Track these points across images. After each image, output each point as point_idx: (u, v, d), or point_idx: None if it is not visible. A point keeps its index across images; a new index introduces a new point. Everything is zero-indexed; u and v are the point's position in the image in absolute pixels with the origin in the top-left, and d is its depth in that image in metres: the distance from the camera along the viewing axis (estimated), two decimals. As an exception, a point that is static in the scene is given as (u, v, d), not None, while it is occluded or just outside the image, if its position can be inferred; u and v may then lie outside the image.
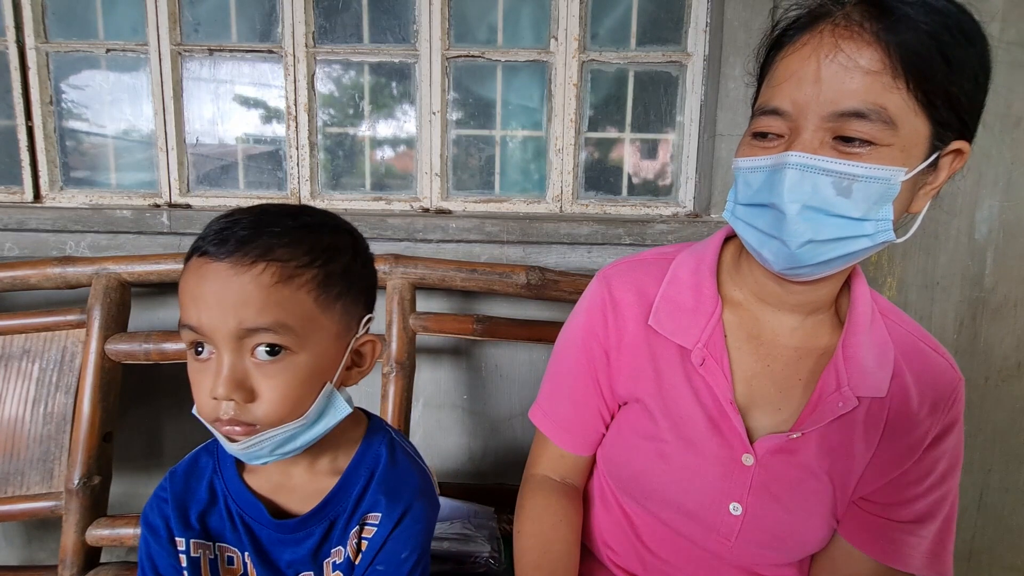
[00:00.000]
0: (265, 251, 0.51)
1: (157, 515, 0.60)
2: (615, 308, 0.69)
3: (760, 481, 0.63)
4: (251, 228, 0.52)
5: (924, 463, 0.63)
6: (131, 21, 1.32)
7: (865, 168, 0.50)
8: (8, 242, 1.28)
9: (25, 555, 1.45)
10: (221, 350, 0.51)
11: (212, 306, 0.50)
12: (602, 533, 0.75)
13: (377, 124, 1.38)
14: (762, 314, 0.66)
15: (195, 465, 0.63)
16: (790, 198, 0.52)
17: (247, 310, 0.50)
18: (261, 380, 0.52)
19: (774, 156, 0.54)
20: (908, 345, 0.64)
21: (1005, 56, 1.17)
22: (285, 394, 0.52)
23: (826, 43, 0.50)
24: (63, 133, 1.38)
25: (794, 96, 0.52)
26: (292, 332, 0.52)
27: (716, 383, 0.63)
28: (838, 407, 0.60)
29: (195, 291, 0.51)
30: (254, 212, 0.55)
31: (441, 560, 0.82)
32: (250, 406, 0.51)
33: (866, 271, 1.27)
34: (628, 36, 1.33)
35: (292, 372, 0.52)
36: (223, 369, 0.51)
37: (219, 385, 0.50)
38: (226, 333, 0.50)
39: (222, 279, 0.50)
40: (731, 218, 0.61)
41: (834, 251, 0.54)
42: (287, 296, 0.51)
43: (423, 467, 0.66)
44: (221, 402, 0.51)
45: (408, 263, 1.11)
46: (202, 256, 0.52)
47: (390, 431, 0.67)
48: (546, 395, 0.76)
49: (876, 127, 0.49)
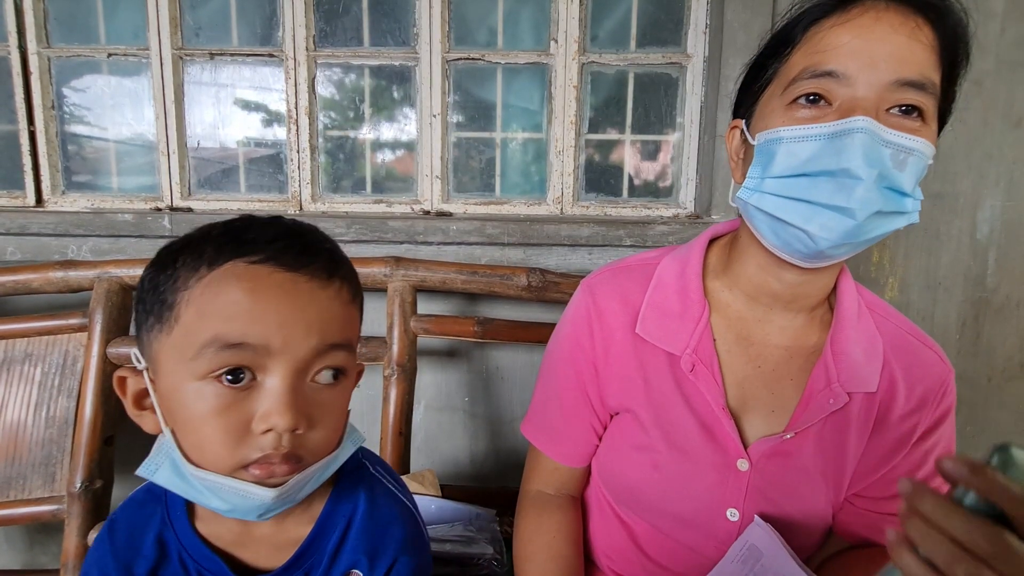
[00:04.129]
0: (337, 266, 0.48)
1: (96, 571, 0.52)
2: (600, 318, 0.68)
3: (756, 486, 0.62)
4: (316, 240, 0.48)
5: (914, 456, 0.63)
6: (132, 26, 1.33)
7: (919, 143, 0.50)
8: (10, 246, 1.28)
9: (27, 559, 1.44)
10: (280, 373, 0.43)
11: (288, 321, 0.43)
12: (601, 541, 0.74)
13: (378, 127, 1.39)
14: (752, 315, 0.64)
15: (139, 512, 0.54)
16: (868, 163, 0.49)
17: (330, 326, 0.46)
18: (319, 408, 0.46)
19: (836, 123, 0.50)
20: (896, 339, 0.64)
21: (1005, 56, 1.17)
22: (339, 422, 0.48)
23: (891, 13, 0.50)
24: (65, 137, 1.38)
25: (856, 59, 0.50)
26: (354, 353, 0.49)
27: (707, 389, 0.62)
28: (829, 404, 0.60)
29: (262, 304, 0.43)
30: (286, 224, 0.49)
31: (444, 562, 0.82)
32: (305, 436, 0.45)
33: (868, 271, 1.27)
34: (628, 38, 1.33)
35: (345, 397, 0.49)
36: (283, 395, 0.43)
37: (283, 413, 0.43)
38: (302, 352, 0.44)
39: (304, 293, 0.45)
40: (754, 195, 0.56)
41: (884, 226, 0.52)
42: (354, 315, 0.49)
43: (409, 508, 0.58)
44: (273, 435, 0.43)
45: (409, 266, 1.11)
46: (265, 263, 0.44)
47: (368, 465, 0.59)
48: (537, 409, 0.75)
49: (928, 101, 0.50)
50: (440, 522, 0.91)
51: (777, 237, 0.56)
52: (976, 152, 1.22)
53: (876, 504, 0.64)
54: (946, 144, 1.21)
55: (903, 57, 0.49)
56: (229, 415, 0.43)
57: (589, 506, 0.76)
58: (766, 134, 0.55)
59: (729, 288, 0.65)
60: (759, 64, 0.59)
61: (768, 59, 0.57)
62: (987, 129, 1.21)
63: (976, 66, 1.18)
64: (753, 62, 0.60)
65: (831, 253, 0.54)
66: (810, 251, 0.54)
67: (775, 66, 0.56)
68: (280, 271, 0.44)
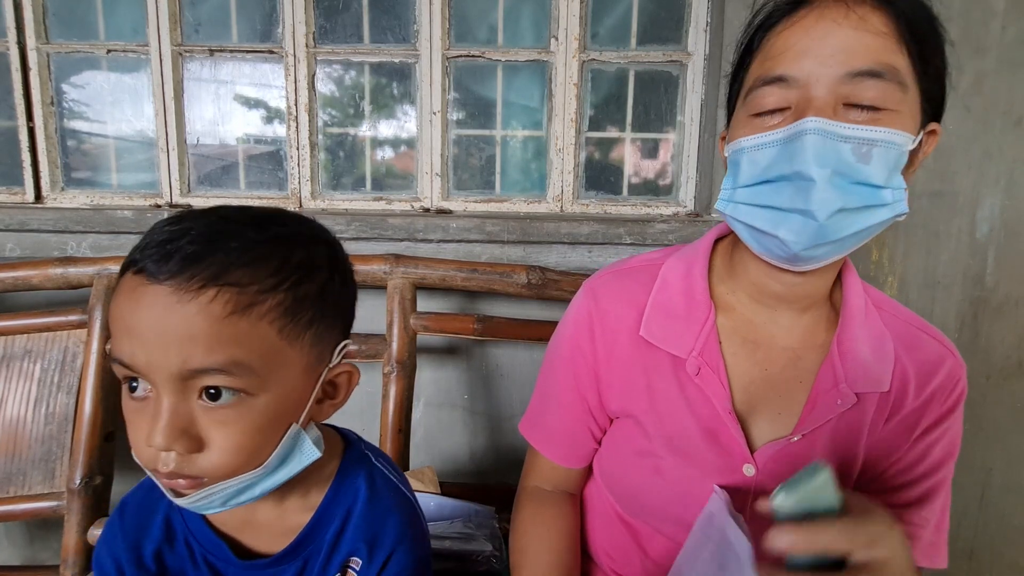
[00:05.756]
0: (218, 272, 0.41)
1: (107, 556, 0.53)
2: (603, 321, 0.66)
3: (763, 490, 0.61)
4: (203, 241, 0.42)
5: (918, 448, 0.62)
6: (132, 22, 1.33)
7: (883, 132, 0.49)
8: (9, 243, 1.28)
9: (27, 555, 1.45)
10: (161, 391, 0.42)
11: (149, 340, 0.41)
12: (601, 540, 0.74)
13: (378, 124, 1.39)
14: (757, 316, 0.63)
15: (149, 495, 0.55)
16: (818, 163, 0.49)
17: (193, 347, 0.41)
18: (211, 427, 0.43)
19: (787, 128, 0.50)
20: (907, 336, 0.63)
21: (1006, 55, 1.17)
22: (240, 443, 0.44)
23: (832, 8, 0.50)
24: (64, 134, 1.38)
25: (803, 60, 0.50)
26: (250, 372, 0.43)
27: (713, 392, 0.61)
28: (837, 404, 0.59)
29: (128, 319, 0.42)
30: (210, 218, 0.45)
31: (443, 559, 0.82)
32: (196, 457, 0.43)
33: (867, 270, 1.27)
34: (628, 36, 1.33)
35: (249, 417, 0.44)
36: (162, 414, 0.42)
37: (157, 433, 0.42)
38: (166, 374, 0.41)
39: (162, 307, 0.41)
40: (729, 206, 0.57)
41: (859, 222, 0.51)
42: (245, 329, 0.42)
43: (408, 499, 0.58)
44: (160, 452, 0.42)
45: (409, 263, 1.11)
46: (138, 274, 0.42)
47: (370, 456, 0.59)
48: (535, 409, 0.74)
49: (890, 88, 0.49)
50: (439, 519, 0.92)
51: (759, 244, 0.57)
52: (976, 151, 1.22)
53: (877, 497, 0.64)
54: (946, 143, 1.21)
55: (850, 48, 0.49)
56: (135, 423, 0.44)
57: (591, 505, 0.75)
58: (732, 145, 0.56)
59: (734, 291, 0.65)
60: (732, 75, 0.60)
61: (737, 70, 0.58)
62: (987, 128, 1.21)
63: (976, 65, 1.19)
64: (730, 73, 0.61)
65: (809, 255, 0.54)
66: (788, 255, 0.54)
67: (741, 76, 0.57)
68: (145, 281, 0.41)
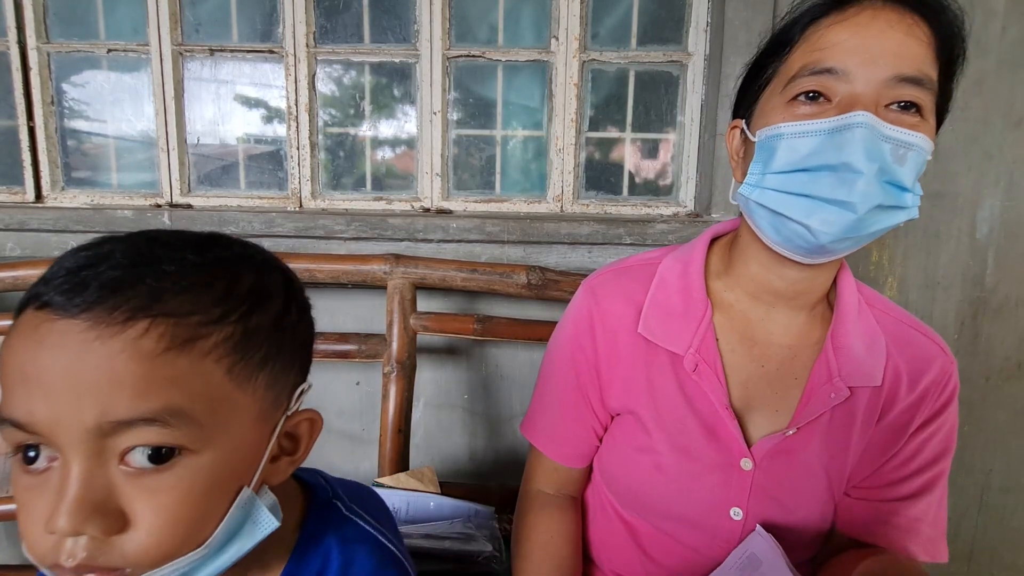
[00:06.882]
0: (149, 301, 0.34)
1: None
2: (603, 319, 0.67)
3: (760, 485, 0.63)
4: (128, 265, 0.34)
5: (911, 445, 0.63)
6: (132, 21, 1.33)
7: (919, 138, 0.51)
8: (10, 242, 1.28)
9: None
10: (69, 457, 0.33)
11: (55, 390, 0.32)
12: (602, 541, 0.74)
13: (378, 124, 1.39)
14: (755, 314, 0.64)
15: None
16: (867, 157, 0.49)
17: (117, 394, 0.32)
18: (137, 498, 0.34)
19: (836, 119, 0.51)
20: (898, 333, 0.64)
21: (1005, 56, 1.17)
22: (177, 516, 0.34)
23: (887, 11, 0.51)
24: (64, 133, 1.38)
25: (855, 56, 0.51)
26: (191, 422, 0.34)
27: (711, 388, 0.62)
28: (830, 398, 0.60)
29: (26, 366, 0.33)
30: (135, 240, 0.37)
31: (442, 559, 0.82)
32: (117, 540, 0.33)
33: (867, 270, 1.27)
34: (629, 36, 1.33)
35: (189, 482, 0.35)
36: (70, 486, 0.32)
37: (62, 513, 0.32)
38: (78, 432, 0.32)
39: (74, 346, 0.32)
40: (755, 191, 0.57)
41: (884, 221, 0.52)
42: (184, 369, 0.34)
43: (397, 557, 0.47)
44: (66, 539, 0.32)
45: (409, 263, 1.11)
46: (41, 309, 0.33)
47: (340, 506, 0.48)
48: (536, 409, 0.75)
49: (925, 97, 0.51)
50: (439, 519, 0.92)
51: (778, 233, 0.57)
52: (976, 151, 1.22)
53: (872, 493, 0.65)
54: (946, 143, 1.21)
55: (900, 53, 0.50)
56: (30, 504, 0.34)
57: (590, 506, 0.76)
58: (767, 130, 0.56)
59: (731, 288, 0.66)
60: (759, 64, 0.60)
61: (768, 59, 0.58)
62: (987, 128, 1.21)
63: (976, 65, 1.19)
64: (753, 62, 0.61)
65: (832, 248, 0.55)
66: (811, 246, 0.55)
67: (775, 65, 0.57)
68: (51, 317, 0.33)
